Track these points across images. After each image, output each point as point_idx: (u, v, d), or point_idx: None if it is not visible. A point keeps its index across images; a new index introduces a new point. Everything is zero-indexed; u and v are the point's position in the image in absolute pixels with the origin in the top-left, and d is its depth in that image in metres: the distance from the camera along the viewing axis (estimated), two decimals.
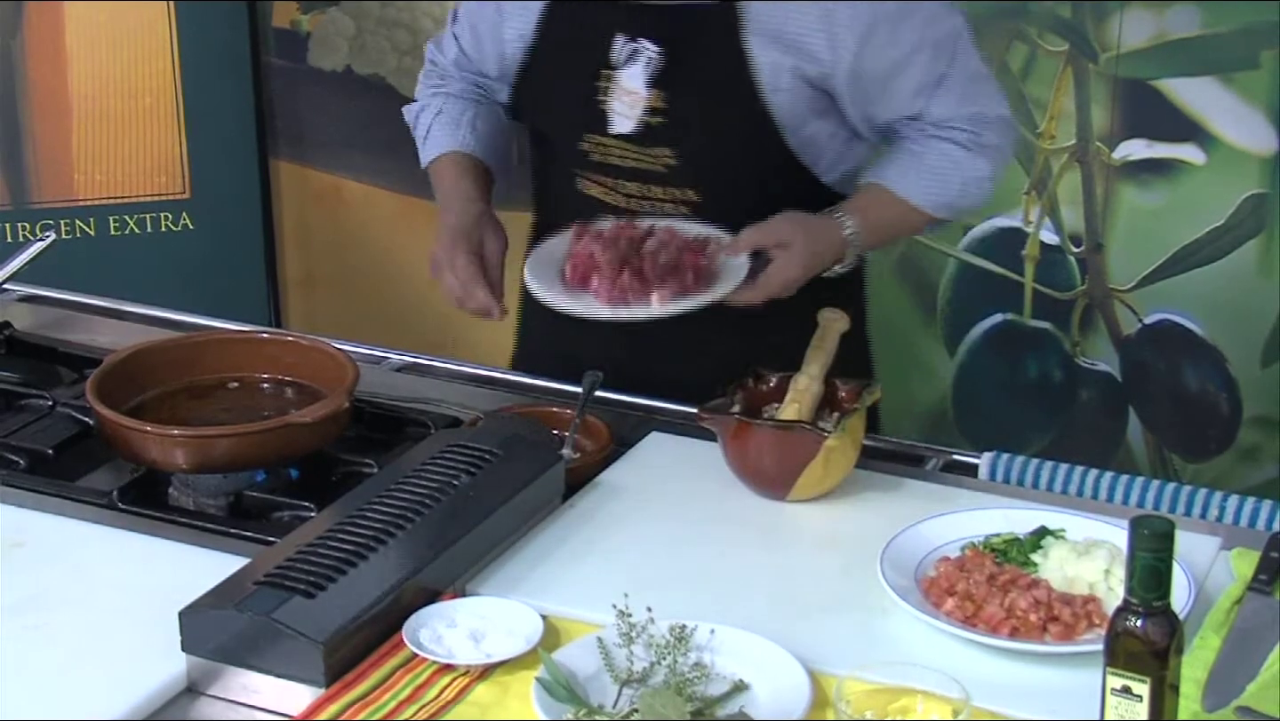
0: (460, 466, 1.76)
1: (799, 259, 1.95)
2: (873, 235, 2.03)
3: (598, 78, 2.03)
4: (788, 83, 1.98)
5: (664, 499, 1.84)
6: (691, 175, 2.04)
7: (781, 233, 1.96)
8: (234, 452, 1.83)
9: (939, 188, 2.03)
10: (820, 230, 1.99)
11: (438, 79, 2.23)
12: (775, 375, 1.92)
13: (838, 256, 2.01)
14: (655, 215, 2.05)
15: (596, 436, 1.96)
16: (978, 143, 2.03)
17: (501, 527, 1.71)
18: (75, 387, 2.09)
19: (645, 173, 2.04)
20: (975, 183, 2.04)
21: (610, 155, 2.05)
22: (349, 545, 1.60)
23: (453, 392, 2.14)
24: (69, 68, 3.35)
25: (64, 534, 1.77)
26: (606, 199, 2.08)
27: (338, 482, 1.87)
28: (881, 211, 2.04)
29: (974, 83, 2.03)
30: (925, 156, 2.03)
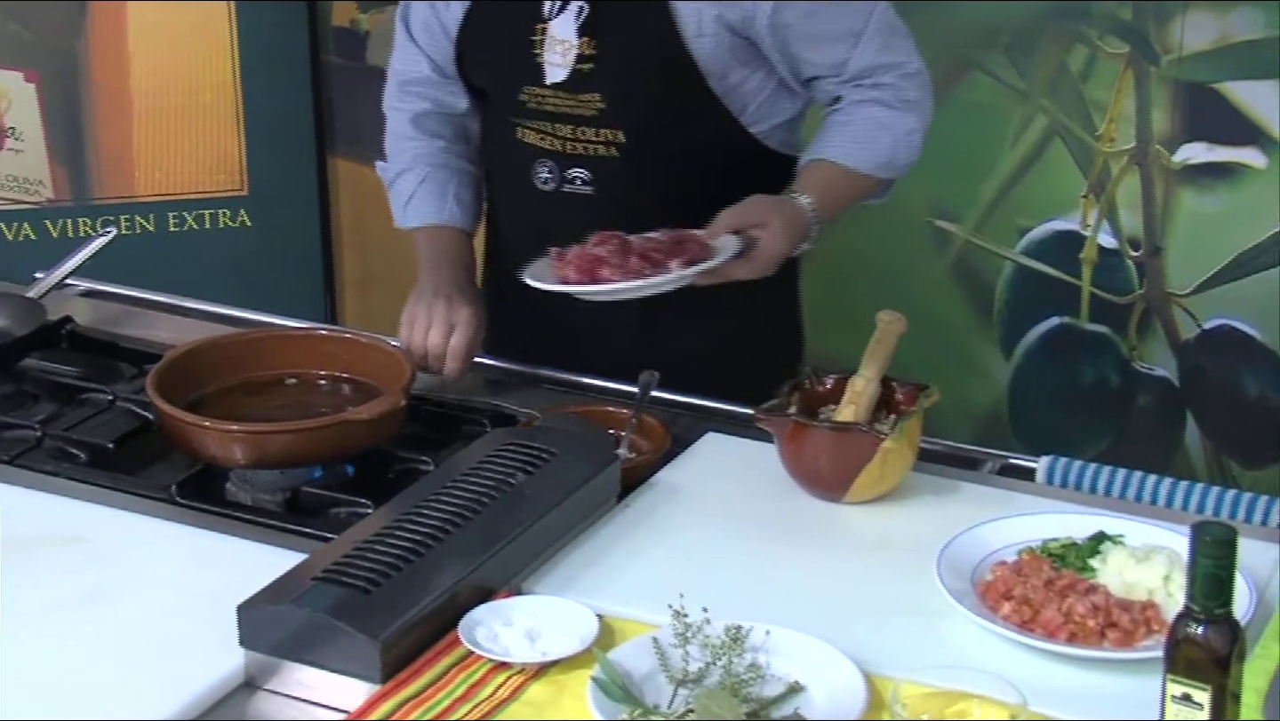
0: (516, 465, 1.76)
1: (781, 234, 2.01)
2: (828, 207, 2.09)
3: (532, 32, 2.10)
4: (711, 29, 2.05)
5: (720, 499, 1.83)
6: (619, 117, 2.09)
7: (757, 213, 2.02)
8: (291, 448, 1.84)
9: (873, 150, 2.11)
10: (789, 209, 2.05)
11: (418, 132, 2.28)
12: (832, 376, 1.91)
13: (806, 232, 2.07)
14: (587, 157, 2.12)
15: (653, 436, 1.96)
16: (901, 99, 2.10)
17: (557, 527, 1.72)
18: (135, 382, 2.11)
19: (577, 117, 2.11)
20: (905, 138, 2.12)
21: (545, 103, 2.12)
22: (405, 542, 1.60)
23: (508, 391, 2.14)
24: (131, 67, 3.37)
25: (123, 528, 1.78)
26: (542, 144, 2.14)
27: (394, 480, 1.88)
28: (829, 183, 2.10)
29: (893, 35, 2.10)
30: (852, 124, 2.11)
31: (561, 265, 1.97)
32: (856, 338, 1.95)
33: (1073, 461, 1.93)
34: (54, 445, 1.96)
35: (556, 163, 2.14)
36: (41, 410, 2.06)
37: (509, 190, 2.24)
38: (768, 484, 1.85)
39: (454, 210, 2.24)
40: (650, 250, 1.95)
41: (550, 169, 2.15)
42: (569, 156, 2.13)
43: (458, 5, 2.18)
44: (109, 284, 2.52)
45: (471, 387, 2.14)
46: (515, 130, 2.17)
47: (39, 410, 2.07)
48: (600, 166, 2.12)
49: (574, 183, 2.14)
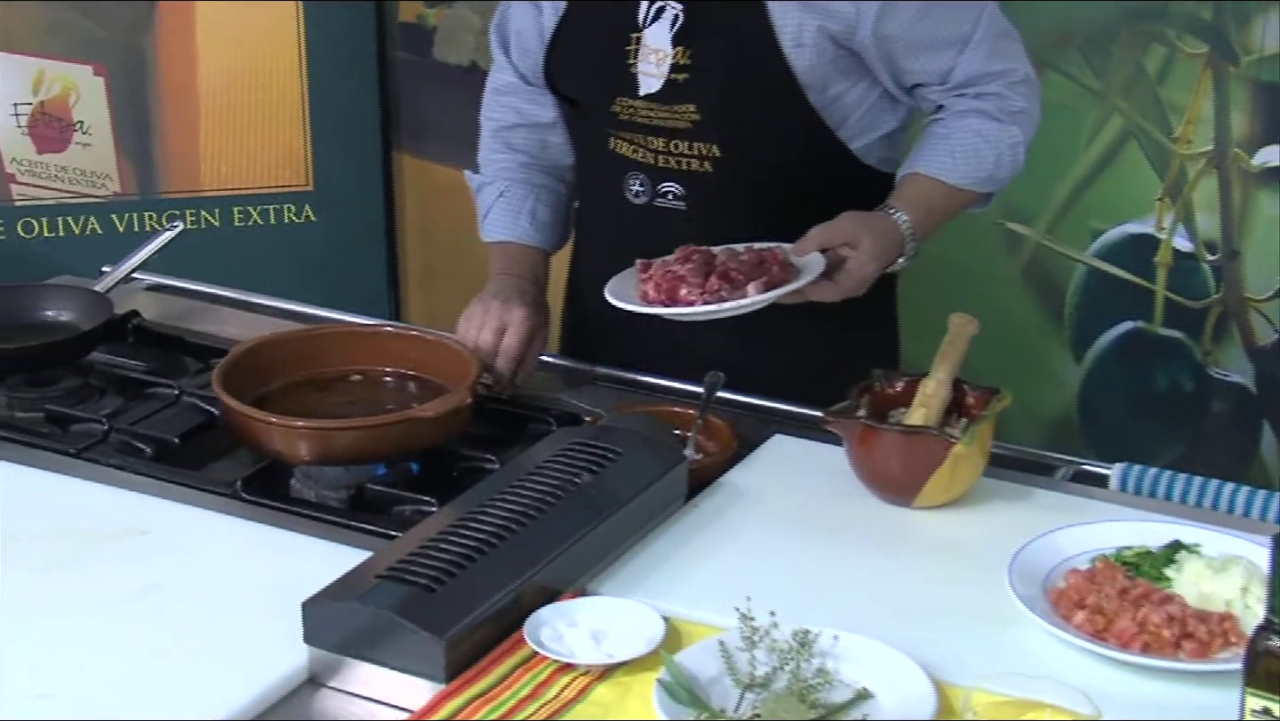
0: (582, 464, 1.76)
1: (870, 255, 1.97)
2: (924, 223, 2.05)
3: (626, 41, 2.07)
4: (811, 39, 2.00)
5: (787, 502, 1.83)
6: (714, 131, 2.06)
7: (847, 231, 1.97)
8: (356, 445, 1.84)
9: (975, 164, 2.06)
10: (881, 226, 2.01)
11: (502, 146, 2.28)
12: (902, 379, 1.90)
13: (900, 250, 2.02)
14: (680, 171, 2.09)
15: (719, 437, 1.95)
16: (1006, 109, 2.05)
17: (623, 527, 1.71)
18: (201, 377, 2.12)
19: (671, 129, 2.08)
20: (1009, 151, 2.07)
21: (638, 115, 2.09)
22: (470, 541, 1.60)
23: (573, 390, 2.15)
24: (198, 63, 3.40)
25: (187, 522, 1.79)
26: (635, 155, 2.12)
27: (459, 478, 1.88)
28: (928, 199, 2.05)
29: (1001, 40, 2.05)
30: (952, 136, 2.06)
31: (643, 280, 1.95)
32: (927, 339, 1.94)
33: (1147, 469, 1.91)
34: (120, 439, 1.98)
35: (649, 176, 2.11)
36: (108, 404, 2.08)
37: (599, 202, 2.21)
38: (836, 487, 1.84)
39: (527, 228, 2.23)
40: (731, 269, 1.92)
41: (642, 182, 2.12)
42: (661, 170, 2.10)
43: (550, 13, 2.15)
44: (175, 278, 2.54)
45: (537, 386, 2.14)
46: (608, 141, 2.14)
47: (105, 404, 2.08)
48: (693, 181, 2.09)
49: (666, 197, 2.11)
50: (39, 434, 2.00)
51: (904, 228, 2.01)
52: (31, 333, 2.21)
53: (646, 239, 2.04)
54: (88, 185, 3.44)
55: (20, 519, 1.78)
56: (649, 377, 2.18)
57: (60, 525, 1.77)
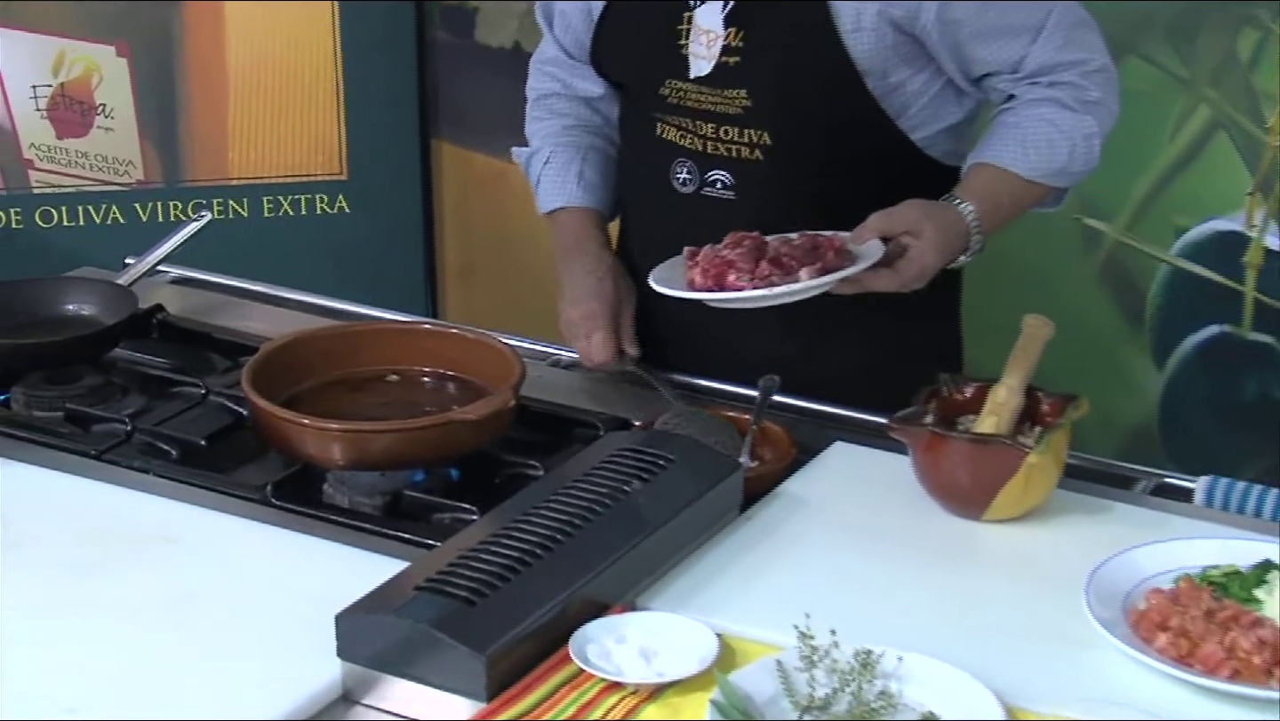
0: (631, 472, 1.77)
1: (933, 245, 1.96)
2: (992, 217, 2.04)
3: (678, 20, 2.08)
4: (870, 23, 2.00)
5: (849, 514, 1.83)
6: (765, 118, 2.07)
7: (909, 219, 1.97)
8: (393, 450, 1.86)
9: (1047, 155, 2.05)
10: (946, 217, 2.00)
11: (544, 113, 2.31)
12: (972, 384, 1.90)
13: (965, 243, 2.02)
14: (729, 159, 2.10)
15: (776, 445, 1.96)
16: (1081, 99, 2.04)
17: (675, 539, 1.72)
18: (229, 376, 2.14)
19: (721, 115, 2.09)
20: (1084, 143, 2.05)
21: (688, 98, 2.10)
22: (513, 552, 1.61)
23: (623, 393, 2.15)
24: (227, 44, 3.42)
25: (215, 529, 1.81)
26: (682, 141, 2.13)
27: (501, 485, 1.89)
28: (996, 191, 2.05)
29: (1076, 29, 2.04)
30: (1023, 125, 2.05)
31: (690, 267, 1.96)
32: (998, 343, 1.94)
33: (1235, 483, 1.90)
34: (143, 440, 1.99)
35: (696, 163, 2.12)
36: (131, 403, 2.10)
37: (645, 190, 2.22)
38: (901, 499, 1.84)
39: (575, 190, 2.25)
40: (784, 255, 1.93)
41: (690, 169, 2.13)
42: (710, 157, 2.11)
43: None
44: (202, 271, 2.57)
45: (583, 389, 2.15)
46: (655, 126, 2.16)
47: (128, 403, 2.10)
48: (743, 169, 2.10)
49: (714, 186, 2.12)
50: (58, 434, 2.02)
51: (969, 219, 2.01)
52: (51, 327, 2.23)
53: (693, 230, 2.05)
54: (110, 172, 3.47)
55: (39, 524, 1.80)
56: (701, 380, 2.18)
57: (81, 531, 1.79)
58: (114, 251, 2.62)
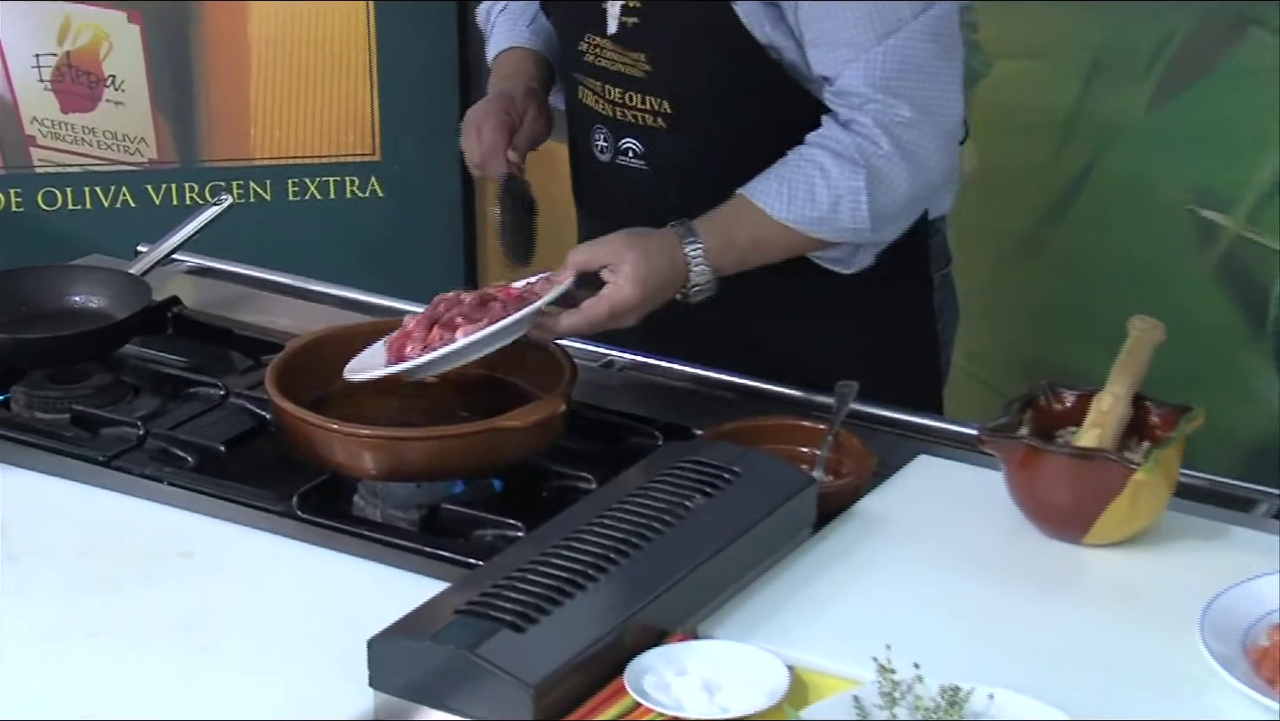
0: (694, 486, 1.78)
1: (630, 279, 1.98)
2: (726, 253, 2.04)
3: None
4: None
5: (934, 534, 1.83)
6: (666, 84, 2.14)
7: (609, 250, 2.00)
8: (431, 459, 1.87)
9: (805, 202, 2.05)
10: (655, 247, 2.01)
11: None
12: (1073, 392, 1.90)
13: (683, 279, 2.03)
14: (637, 126, 2.17)
15: (853, 456, 1.96)
16: (863, 151, 2.03)
17: (742, 560, 1.72)
18: (250, 376, 2.16)
19: (627, 78, 2.16)
20: (849, 198, 2.04)
21: (602, 56, 2.18)
22: (563, 573, 1.62)
23: (684, 398, 2.17)
24: (250, 8, 3.44)
25: (235, 544, 1.83)
26: (597, 107, 2.21)
27: (549, 499, 1.90)
28: (736, 227, 2.06)
29: (911, 71, 2.03)
30: (791, 163, 2.07)
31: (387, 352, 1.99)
32: (1102, 347, 1.93)
33: None
34: (157, 445, 2.01)
35: (610, 130, 2.21)
36: (143, 405, 2.12)
37: (574, 158, 2.34)
38: (992, 518, 1.84)
39: (525, 33, 2.36)
40: (453, 315, 1.95)
41: (605, 136, 2.22)
42: (621, 124, 2.20)
43: None
44: (221, 260, 2.59)
45: (640, 394, 2.16)
46: (577, 89, 2.25)
47: (140, 405, 2.13)
48: (650, 138, 2.18)
49: (627, 155, 2.20)
50: (63, 438, 2.04)
51: (690, 251, 2.02)
52: (55, 321, 2.25)
53: (615, 200, 2.15)
54: (120, 150, 3.50)
55: (41, 537, 1.83)
56: (769, 385, 2.19)
57: (87, 545, 1.81)
58: (125, 238, 2.64)
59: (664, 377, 2.24)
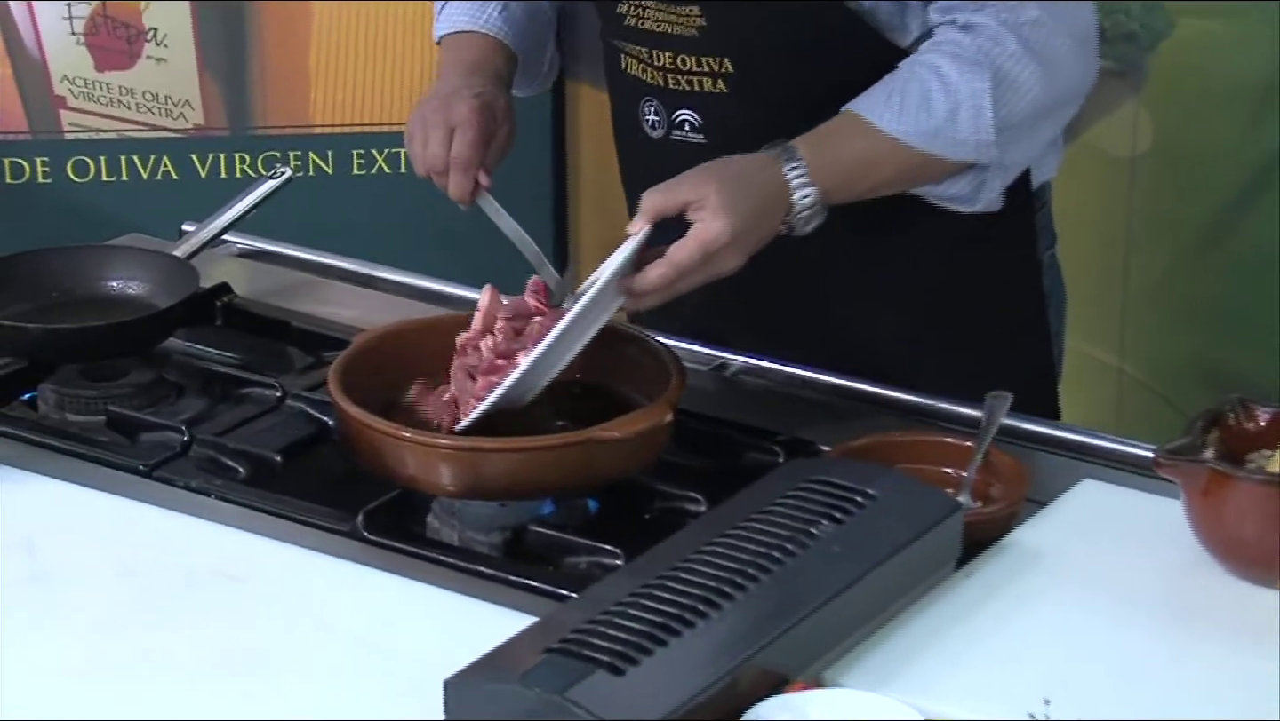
0: (820, 510, 1.78)
1: (718, 211, 1.94)
2: (833, 174, 2.03)
3: None
4: None
5: (1100, 572, 1.82)
6: (723, 39, 2.12)
7: (688, 187, 1.97)
8: (517, 474, 1.88)
9: (919, 112, 2.05)
10: (744, 171, 2.00)
11: None
12: (1266, 409, 1.88)
13: (784, 205, 2.01)
14: (694, 93, 2.16)
15: (1005, 479, 1.96)
16: (987, 53, 2.02)
17: (875, 597, 1.73)
18: (311, 375, 2.19)
19: (678, 39, 2.14)
20: (969, 104, 2.03)
21: (645, 18, 2.16)
22: (669, 608, 1.62)
23: (809, 408, 2.18)
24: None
25: (293, 567, 1.84)
26: (644, 76, 2.20)
27: (652, 522, 1.92)
28: (844, 144, 2.06)
29: None
30: (904, 71, 2.06)
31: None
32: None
33: None
34: (203, 454, 2.04)
35: (662, 101, 2.20)
36: (188, 407, 2.15)
37: (622, 137, 2.34)
38: (1169, 555, 1.83)
39: (494, 18, 2.30)
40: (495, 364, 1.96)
41: (657, 109, 2.21)
42: (673, 93, 2.18)
43: None
44: (278, 243, 2.61)
45: (757, 403, 2.17)
46: (620, 60, 2.25)
47: (184, 407, 2.15)
48: (709, 106, 2.17)
49: (683, 128, 2.20)
50: (97, 444, 2.07)
51: (790, 171, 2.01)
52: (88, 310, 2.29)
53: None
54: (161, 114, 3.52)
55: (72, 557, 1.85)
56: (908, 395, 2.19)
57: (124, 566, 1.83)
58: (167, 215, 2.67)
59: (785, 384, 2.24)
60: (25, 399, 2.18)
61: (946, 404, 2.15)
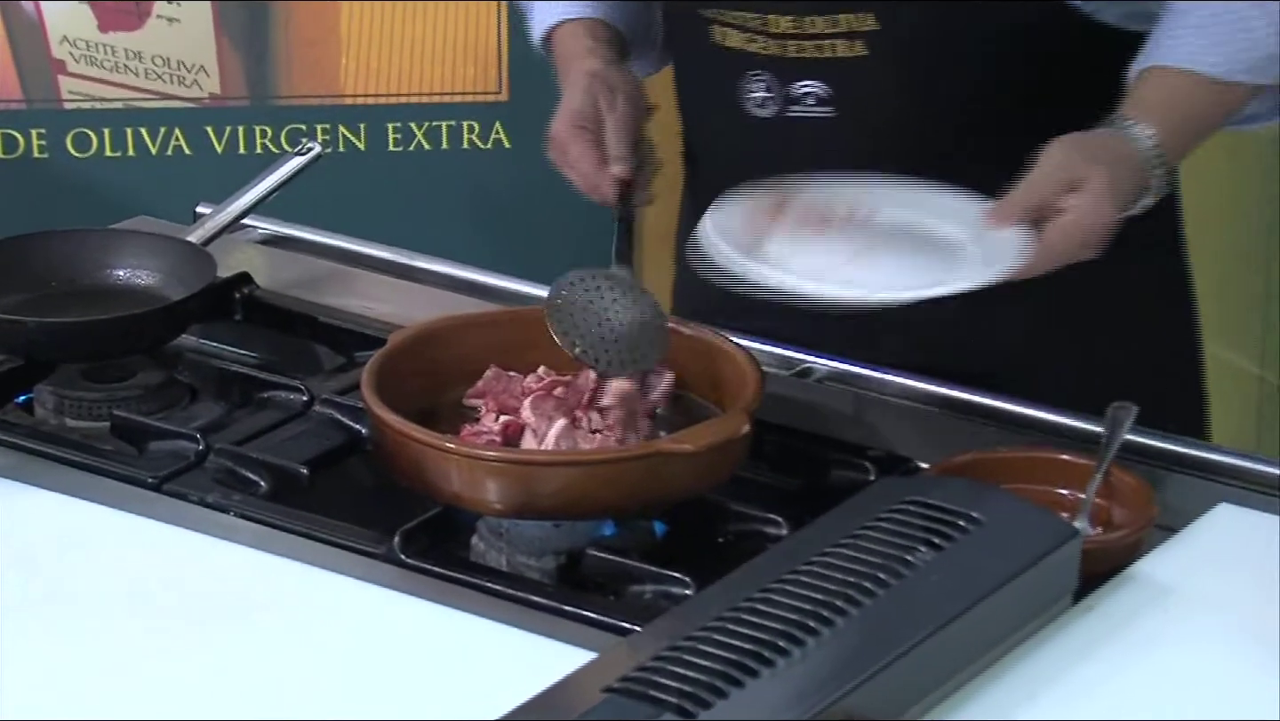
0: (918, 536, 1.77)
1: (1105, 194, 1.97)
2: (1179, 139, 2.06)
3: None
4: None
5: (1237, 609, 1.82)
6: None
7: (1067, 169, 1.98)
8: (573, 490, 1.88)
9: (1241, 41, 2.06)
10: (1112, 149, 2.02)
11: None
12: None
13: (1142, 181, 2.04)
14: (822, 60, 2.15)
15: (1130, 502, 1.95)
16: None
17: (981, 634, 1.72)
18: (342, 377, 2.20)
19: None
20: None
21: None
22: (746, 644, 1.62)
23: (904, 419, 2.18)
24: None
25: (320, 594, 1.85)
26: (752, 47, 2.18)
27: (725, 547, 1.92)
28: (1179, 103, 2.07)
29: None
30: (1198, 9, 2.07)
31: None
32: None
33: None
34: (221, 465, 2.04)
35: (776, 74, 2.18)
36: (203, 412, 2.17)
37: (708, 123, 2.32)
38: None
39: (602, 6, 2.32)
40: None
41: (769, 84, 2.19)
42: (793, 63, 2.17)
43: None
44: (304, 228, 2.62)
45: (847, 413, 2.17)
46: (709, 31, 2.22)
47: (199, 412, 2.17)
48: (841, 73, 2.16)
49: (802, 102, 2.18)
50: (101, 453, 2.08)
51: (1145, 145, 2.03)
52: (91, 301, 2.30)
53: (767, 167, 2.11)
54: (173, 81, 3.53)
55: (75, 580, 1.86)
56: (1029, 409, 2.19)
57: (132, 591, 1.84)
58: (179, 195, 2.68)
59: (877, 391, 2.25)
60: (20, 402, 2.19)
61: (1062, 416, 2.15)
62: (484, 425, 1.98)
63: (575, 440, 1.93)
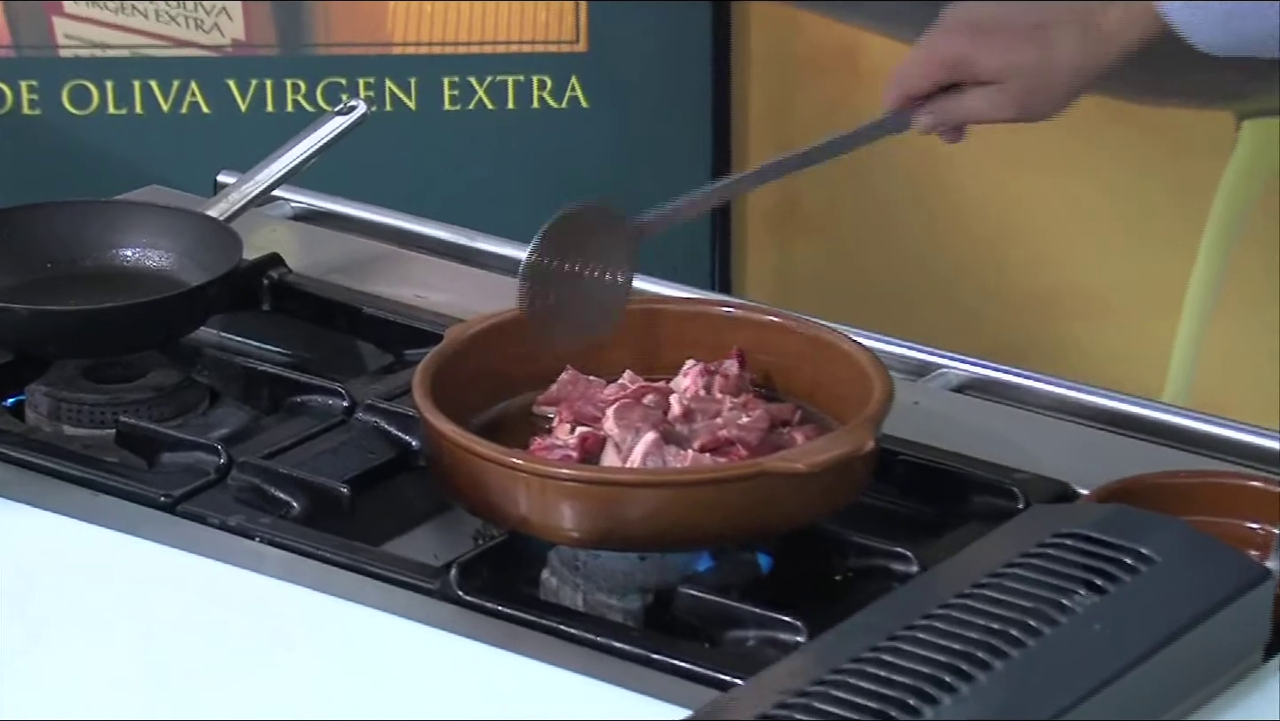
0: (1075, 576, 1.76)
1: None
2: None
3: None
4: None
5: None
6: None
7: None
8: (663, 516, 1.88)
9: None
10: None
11: None
12: None
13: None
14: None
15: None
16: None
17: (1154, 691, 1.71)
18: (389, 379, 2.20)
19: None
20: None
21: None
22: (869, 701, 1.62)
23: (1058, 436, 2.17)
24: None
25: (361, 634, 1.85)
26: None
27: (844, 585, 1.92)
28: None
29: None
30: None
31: None
32: None
33: None
34: (245, 481, 2.05)
35: None
36: (226, 419, 2.18)
37: None
38: None
39: None
40: None
41: None
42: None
43: None
44: (344, 202, 2.63)
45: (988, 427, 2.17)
46: None
47: (222, 419, 2.18)
48: None
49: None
50: (105, 467, 2.08)
51: None
52: (93, 287, 2.31)
53: None
54: (189, 25, 3.55)
55: (78, 611, 1.87)
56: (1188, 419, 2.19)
57: (145, 625, 1.85)
58: (198, 162, 2.70)
59: (1026, 402, 2.25)
60: (9, 404, 2.20)
61: (1251, 434, 2.14)
62: (557, 437, 1.98)
63: (665, 458, 1.93)
